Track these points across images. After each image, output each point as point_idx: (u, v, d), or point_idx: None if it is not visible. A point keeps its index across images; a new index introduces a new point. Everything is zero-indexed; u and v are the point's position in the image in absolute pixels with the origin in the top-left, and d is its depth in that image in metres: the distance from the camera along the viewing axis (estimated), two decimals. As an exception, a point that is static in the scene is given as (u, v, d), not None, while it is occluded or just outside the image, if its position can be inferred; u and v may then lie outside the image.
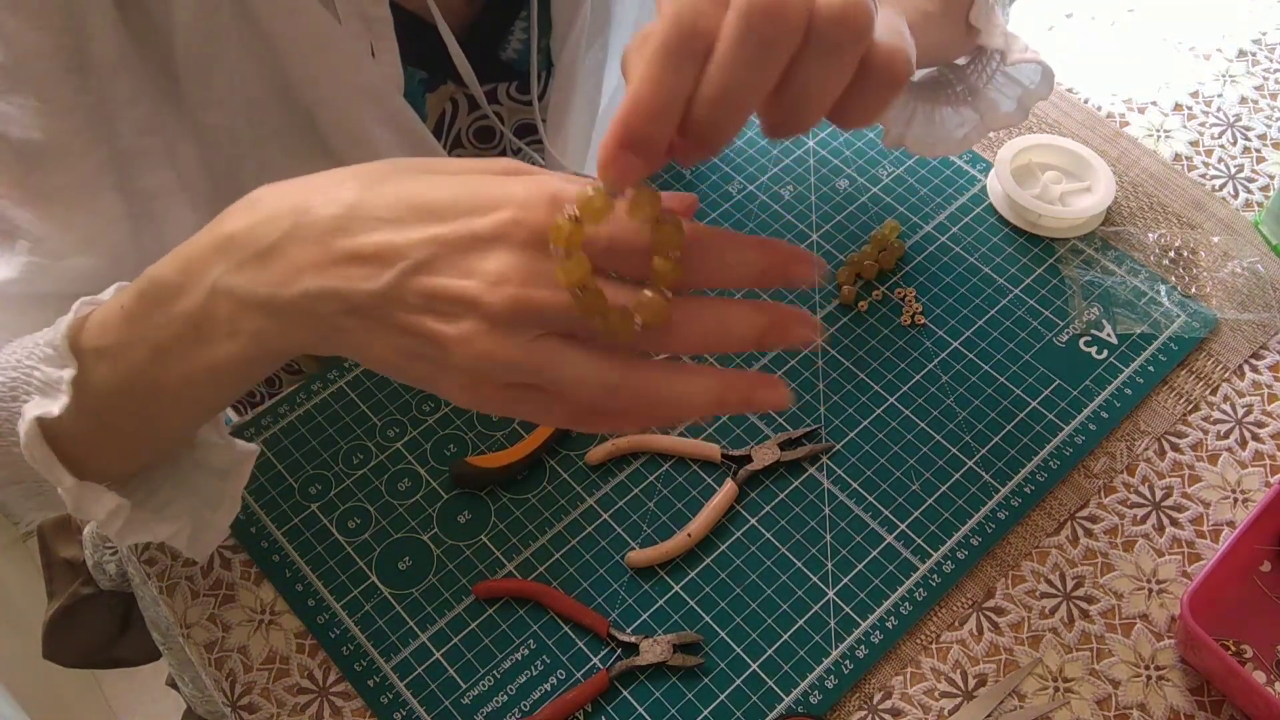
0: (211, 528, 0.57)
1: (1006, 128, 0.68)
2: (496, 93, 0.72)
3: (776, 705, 0.59)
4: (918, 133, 0.66)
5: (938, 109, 0.65)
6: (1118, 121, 0.84)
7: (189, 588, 0.64)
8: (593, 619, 0.61)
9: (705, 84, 0.34)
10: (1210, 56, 0.88)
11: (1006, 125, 0.66)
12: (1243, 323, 0.72)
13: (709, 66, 0.34)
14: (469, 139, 0.74)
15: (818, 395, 0.69)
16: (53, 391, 0.47)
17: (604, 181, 0.35)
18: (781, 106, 0.36)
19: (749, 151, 0.82)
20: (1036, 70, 0.64)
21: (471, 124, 0.73)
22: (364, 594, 0.63)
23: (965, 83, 0.65)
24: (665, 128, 0.35)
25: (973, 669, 0.60)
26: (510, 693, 0.59)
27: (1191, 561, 0.63)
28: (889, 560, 0.63)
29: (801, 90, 0.35)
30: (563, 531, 0.65)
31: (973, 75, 0.64)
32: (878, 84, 0.36)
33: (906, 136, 0.66)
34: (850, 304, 0.73)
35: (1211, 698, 0.59)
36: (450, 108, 0.71)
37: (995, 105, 0.64)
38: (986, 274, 0.75)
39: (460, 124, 0.72)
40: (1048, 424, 0.68)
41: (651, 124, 0.34)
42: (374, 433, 0.69)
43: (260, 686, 0.60)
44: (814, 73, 0.35)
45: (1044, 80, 0.64)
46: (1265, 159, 0.81)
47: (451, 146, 0.74)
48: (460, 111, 0.71)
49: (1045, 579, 0.63)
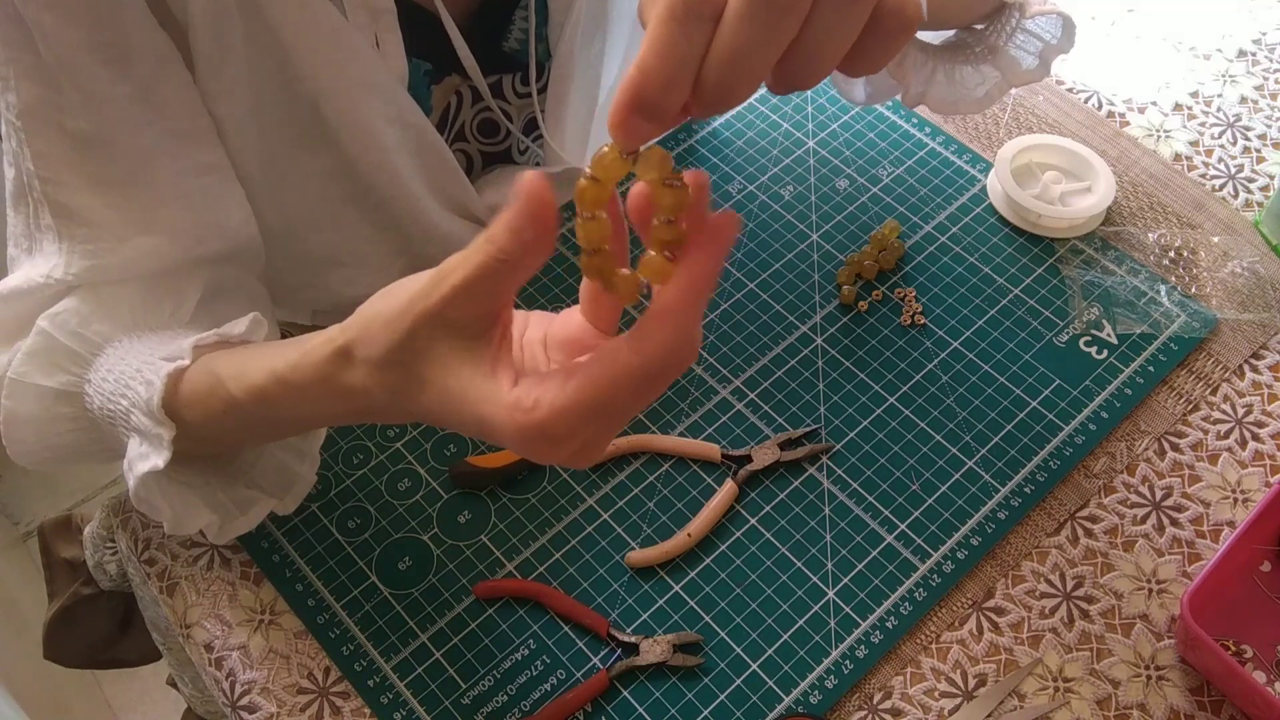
0: (299, 482, 0.62)
1: (1029, 84, 0.67)
2: (501, 86, 0.72)
3: (776, 705, 0.59)
4: (939, 91, 0.64)
5: (958, 67, 0.64)
6: (1118, 121, 0.84)
7: (189, 588, 0.64)
8: (593, 619, 0.61)
9: (716, 47, 0.33)
10: (1210, 56, 0.88)
11: (1029, 82, 0.65)
12: (1243, 323, 0.72)
13: (719, 29, 0.33)
14: (473, 133, 0.74)
15: (818, 395, 0.69)
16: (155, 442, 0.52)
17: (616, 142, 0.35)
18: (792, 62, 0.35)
19: (749, 151, 0.82)
20: (1057, 23, 0.62)
21: (475, 116, 0.73)
22: (364, 594, 0.63)
23: (985, 43, 0.63)
24: (675, 95, 0.34)
25: (973, 669, 0.60)
26: (510, 693, 0.59)
27: (1191, 561, 0.63)
28: (889, 560, 0.63)
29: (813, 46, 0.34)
30: (563, 531, 0.65)
31: (992, 35, 0.63)
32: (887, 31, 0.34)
33: (928, 95, 0.64)
34: (850, 304, 0.73)
35: (1211, 698, 0.59)
36: (455, 100, 0.71)
37: (1016, 62, 0.63)
38: (986, 274, 0.75)
39: (464, 117, 0.72)
40: (1048, 424, 0.68)
41: (661, 92, 0.33)
42: (374, 433, 0.69)
43: (260, 686, 0.60)
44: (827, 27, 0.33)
45: (1065, 34, 0.62)
46: (1265, 159, 0.81)
47: (455, 140, 0.74)
48: (465, 104, 0.71)
49: (1045, 579, 0.63)
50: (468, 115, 0.72)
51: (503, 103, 0.72)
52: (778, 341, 0.72)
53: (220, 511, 0.58)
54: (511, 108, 0.73)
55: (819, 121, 0.83)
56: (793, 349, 0.71)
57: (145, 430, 0.53)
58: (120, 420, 0.54)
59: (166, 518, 0.55)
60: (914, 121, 0.83)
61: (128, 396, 0.53)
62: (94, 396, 0.56)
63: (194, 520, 0.56)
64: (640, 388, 0.37)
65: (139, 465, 0.52)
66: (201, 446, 0.56)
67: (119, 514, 0.67)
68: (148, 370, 0.53)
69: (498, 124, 0.74)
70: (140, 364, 0.54)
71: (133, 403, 0.53)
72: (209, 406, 0.52)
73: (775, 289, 0.74)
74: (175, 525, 0.55)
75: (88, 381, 0.56)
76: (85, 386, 0.57)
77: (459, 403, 0.40)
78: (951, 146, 0.81)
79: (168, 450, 0.52)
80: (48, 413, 0.58)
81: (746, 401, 0.69)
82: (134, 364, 0.55)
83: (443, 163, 0.70)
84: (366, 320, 0.43)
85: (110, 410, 0.55)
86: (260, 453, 0.62)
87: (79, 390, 0.57)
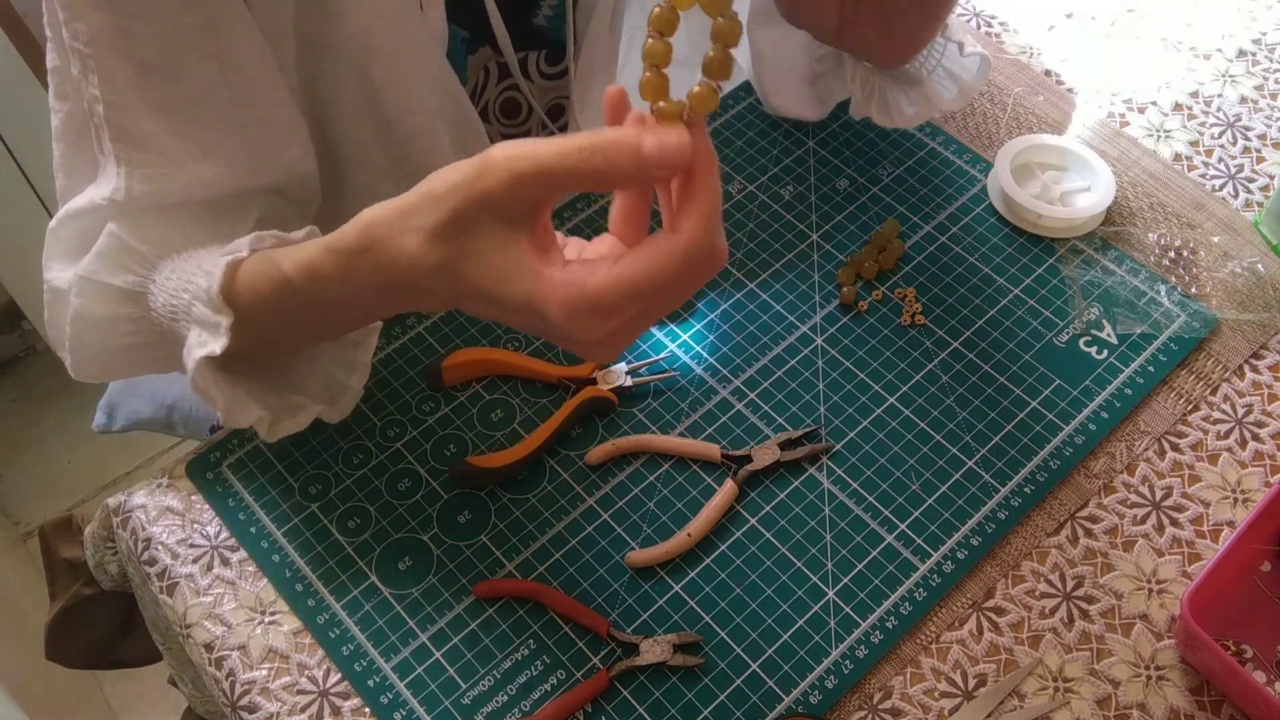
0: (347, 392, 0.64)
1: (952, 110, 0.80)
2: (527, 64, 0.72)
3: (776, 705, 0.59)
4: (876, 108, 0.75)
5: (890, 89, 0.74)
6: (1118, 121, 0.84)
7: (189, 587, 0.64)
8: (593, 619, 0.61)
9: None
10: (1210, 56, 0.88)
11: (951, 110, 0.76)
12: (1243, 323, 0.72)
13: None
14: (496, 114, 0.75)
15: (818, 395, 0.69)
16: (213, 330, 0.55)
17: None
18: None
19: (749, 151, 0.82)
20: (976, 62, 0.71)
21: (500, 95, 0.74)
22: (364, 594, 0.63)
23: (908, 76, 0.73)
24: None
25: (973, 669, 0.60)
26: (510, 693, 0.59)
27: (1191, 561, 0.63)
28: (889, 560, 0.63)
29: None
30: (563, 531, 0.65)
31: (916, 67, 0.72)
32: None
33: (870, 110, 0.75)
34: (850, 304, 0.73)
35: (1211, 698, 0.59)
36: (483, 75, 0.72)
37: (939, 94, 0.73)
38: (986, 274, 0.75)
39: (489, 95, 0.73)
40: (1048, 424, 0.68)
41: None
42: (374, 433, 0.69)
43: (260, 686, 0.60)
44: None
45: (980, 72, 0.71)
46: (1265, 159, 0.81)
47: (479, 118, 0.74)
48: (491, 81, 0.72)
49: (1045, 579, 0.63)
50: (492, 94, 0.73)
51: (527, 82, 0.73)
52: (778, 341, 0.72)
53: (270, 410, 0.60)
54: (535, 88, 0.74)
55: (819, 121, 0.83)
56: (793, 349, 0.71)
57: (205, 320, 0.55)
58: (181, 314, 0.57)
59: (220, 407, 0.57)
60: (914, 121, 0.83)
61: (189, 290, 0.56)
62: (157, 295, 0.58)
63: (245, 414, 0.58)
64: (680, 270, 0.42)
65: (197, 351, 0.55)
66: (256, 340, 0.57)
67: (119, 514, 0.67)
68: (207, 264, 0.57)
69: (519, 105, 0.75)
70: (201, 261, 0.58)
71: (194, 295, 0.56)
72: (262, 290, 0.54)
73: (775, 289, 0.74)
74: (227, 416, 0.58)
75: (152, 282, 0.59)
76: (150, 286, 0.59)
77: (507, 279, 0.43)
78: (951, 146, 0.81)
79: (225, 336, 0.54)
80: (112, 312, 0.60)
81: (746, 401, 0.69)
82: (194, 262, 0.58)
83: (476, 136, 0.72)
84: (420, 195, 0.45)
85: (173, 305, 0.58)
86: (310, 367, 0.64)
87: (143, 290, 0.59)
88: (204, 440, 0.70)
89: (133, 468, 1.69)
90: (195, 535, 0.66)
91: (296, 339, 0.60)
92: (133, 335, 0.61)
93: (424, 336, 0.72)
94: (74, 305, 0.60)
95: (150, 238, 0.59)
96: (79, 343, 0.61)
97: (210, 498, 0.67)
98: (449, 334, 0.72)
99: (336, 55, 0.63)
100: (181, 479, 0.68)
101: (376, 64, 0.64)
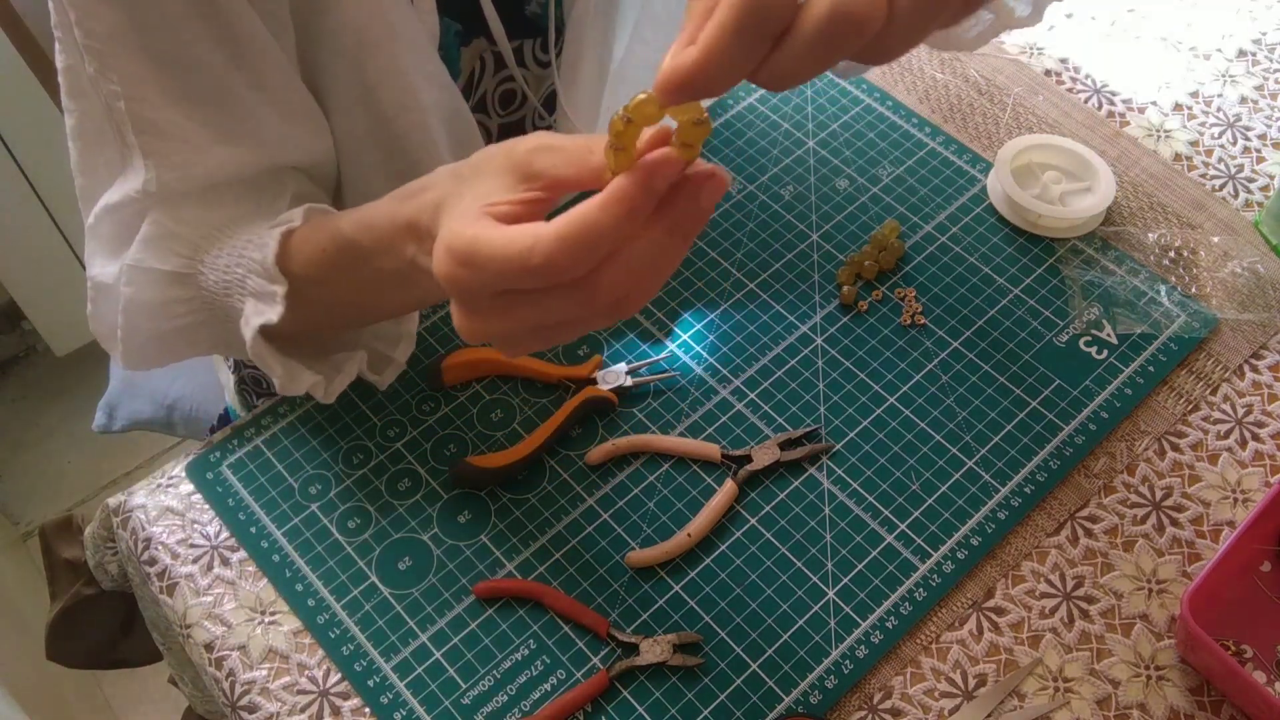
0: (392, 364, 0.66)
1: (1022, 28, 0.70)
2: (523, 52, 0.73)
3: (776, 705, 0.59)
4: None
5: None
6: (1118, 121, 0.84)
7: (189, 587, 0.64)
8: (593, 619, 0.61)
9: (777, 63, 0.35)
10: (1210, 56, 0.88)
11: (1021, 27, 0.68)
12: (1243, 323, 0.72)
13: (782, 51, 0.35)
14: (494, 104, 0.75)
15: (818, 395, 0.69)
16: (269, 299, 0.57)
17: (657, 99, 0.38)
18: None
19: (749, 151, 0.82)
20: None
21: (497, 86, 0.74)
22: (364, 594, 0.63)
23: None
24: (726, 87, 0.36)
25: (973, 669, 0.60)
26: (510, 693, 0.59)
27: (1191, 561, 0.63)
28: (889, 560, 0.63)
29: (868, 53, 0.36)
30: (563, 531, 0.65)
31: None
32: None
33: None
34: (850, 304, 0.73)
35: (1211, 698, 0.59)
36: (479, 66, 0.72)
37: (1011, 10, 0.66)
38: (986, 274, 0.75)
39: (486, 86, 0.73)
40: (1048, 424, 0.68)
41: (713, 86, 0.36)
42: (374, 433, 0.69)
43: (260, 686, 0.60)
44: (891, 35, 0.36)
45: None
46: (1265, 159, 0.81)
47: (476, 110, 0.74)
48: (487, 72, 0.72)
49: (1045, 579, 0.63)
50: (490, 85, 0.73)
51: (524, 70, 0.73)
52: (778, 341, 0.72)
53: (323, 374, 0.62)
54: (531, 76, 0.74)
55: (819, 121, 0.83)
56: (793, 349, 0.71)
57: (260, 290, 0.58)
58: (236, 289, 0.59)
59: (278, 375, 0.60)
60: (914, 121, 0.83)
61: (243, 264, 0.59)
62: (208, 274, 0.60)
63: (301, 380, 0.61)
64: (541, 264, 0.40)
65: (255, 319, 0.57)
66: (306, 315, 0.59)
67: (119, 514, 0.67)
68: (259, 236, 0.59)
69: (516, 95, 0.75)
70: (252, 235, 0.59)
71: (248, 268, 0.58)
72: (313, 249, 0.57)
73: (775, 289, 0.74)
74: (284, 383, 0.60)
75: (200, 262, 0.61)
76: (199, 266, 0.61)
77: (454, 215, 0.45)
78: (951, 146, 0.81)
79: (281, 304, 0.56)
80: (163, 296, 0.61)
81: (746, 401, 0.69)
82: (245, 236, 0.60)
83: (470, 133, 0.72)
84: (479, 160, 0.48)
85: (226, 281, 0.59)
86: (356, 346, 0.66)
87: (193, 271, 0.61)
88: (204, 440, 0.70)
89: (133, 468, 1.69)
90: (195, 535, 0.66)
91: (347, 313, 0.62)
92: (184, 317, 0.62)
93: (424, 336, 0.72)
94: (125, 294, 0.61)
95: (190, 219, 0.61)
96: (131, 330, 0.63)
97: (210, 498, 0.67)
98: (449, 334, 0.72)
99: (331, 46, 0.64)
100: (181, 479, 0.68)
101: (370, 57, 0.64)
